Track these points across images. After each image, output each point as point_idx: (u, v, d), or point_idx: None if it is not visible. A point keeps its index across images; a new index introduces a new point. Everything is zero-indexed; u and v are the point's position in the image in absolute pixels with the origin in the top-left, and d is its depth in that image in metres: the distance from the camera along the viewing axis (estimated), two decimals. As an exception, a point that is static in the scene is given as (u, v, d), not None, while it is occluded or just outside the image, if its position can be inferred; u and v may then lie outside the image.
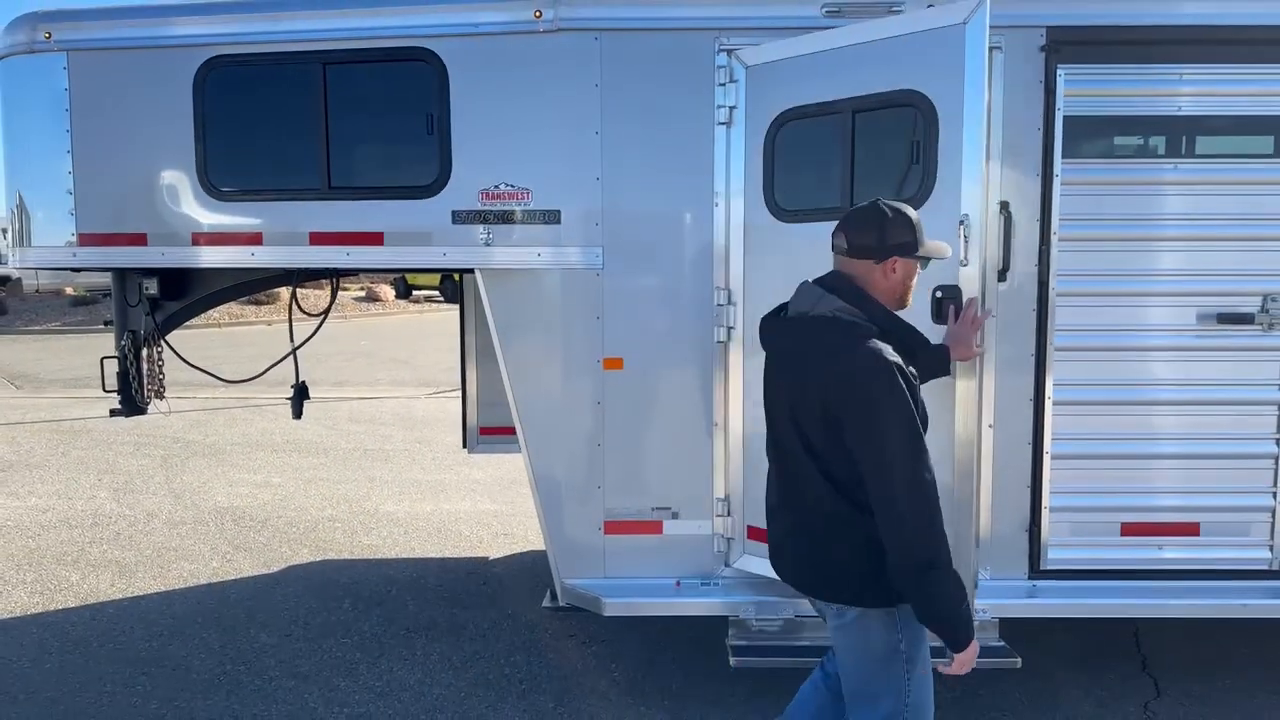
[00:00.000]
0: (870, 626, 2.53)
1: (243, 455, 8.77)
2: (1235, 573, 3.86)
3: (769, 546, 2.81)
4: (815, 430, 2.48)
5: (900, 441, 2.36)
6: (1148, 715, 3.91)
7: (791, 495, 2.63)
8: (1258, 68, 3.66)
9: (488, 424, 5.95)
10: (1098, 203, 3.75)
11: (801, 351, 2.55)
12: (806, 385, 2.49)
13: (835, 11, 3.69)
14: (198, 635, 4.77)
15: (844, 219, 2.66)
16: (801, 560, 2.65)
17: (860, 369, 2.39)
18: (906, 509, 2.35)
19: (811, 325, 2.53)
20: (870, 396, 2.37)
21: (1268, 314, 3.74)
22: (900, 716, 2.58)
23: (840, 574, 2.53)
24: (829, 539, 2.53)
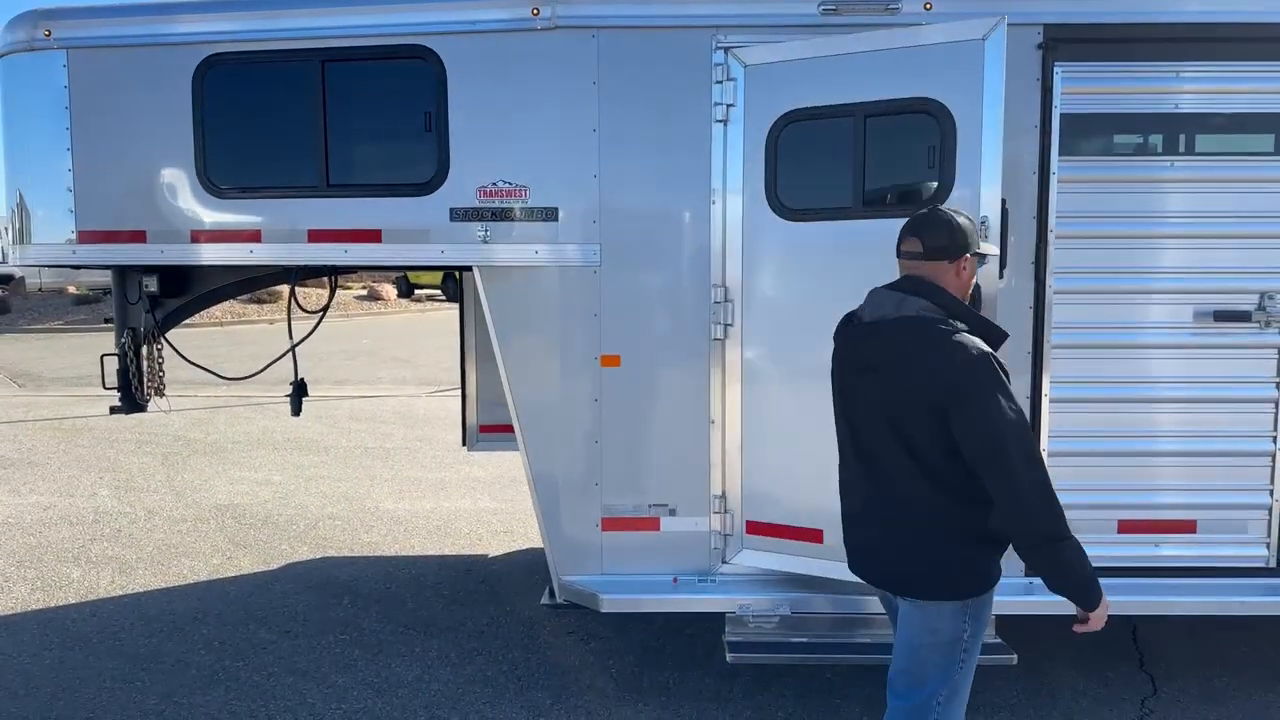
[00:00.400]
0: (943, 615, 2.62)
1: (244, 453, 8.78)
2: (1232, 570, 3.86)
3: (849, 550, 2.84)
4: (920, 429, 2.54)
5: (1010, 424, 2.44)
6: (1145, 712, 3.91)
7: (884, 497, 2.66)
8: (1256, 65, 3.67)
9: (487, 422, 5.94)
10: (1095, 200, 3.76)
11: (897, 354, 2.60)
12: (908, 386, 2.55)
13: (832, 9, 3.69)
14: (197, 631, 4.78)
15: (913, 226, 2.73)
16: (895, 560, 2.67)
17: (962, 362, 2.48)
18: (1027, 487, 2.44)
19: (903, 327, 2.60)
20: (976, 386, 2.46)
21: (1264, 311, 3.75)
22: (937, 699, 2.67)
23: (935, 569, 2.60)
24: (928, 536, 2.59)
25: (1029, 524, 2.47)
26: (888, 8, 3.69)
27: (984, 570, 2.61)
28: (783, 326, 3.82)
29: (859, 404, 2.71)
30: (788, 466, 3.85)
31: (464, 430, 5.98)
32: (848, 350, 2.77)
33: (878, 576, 2.76)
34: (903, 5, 3.68)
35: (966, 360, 2.48)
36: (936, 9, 3.68)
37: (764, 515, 3.89)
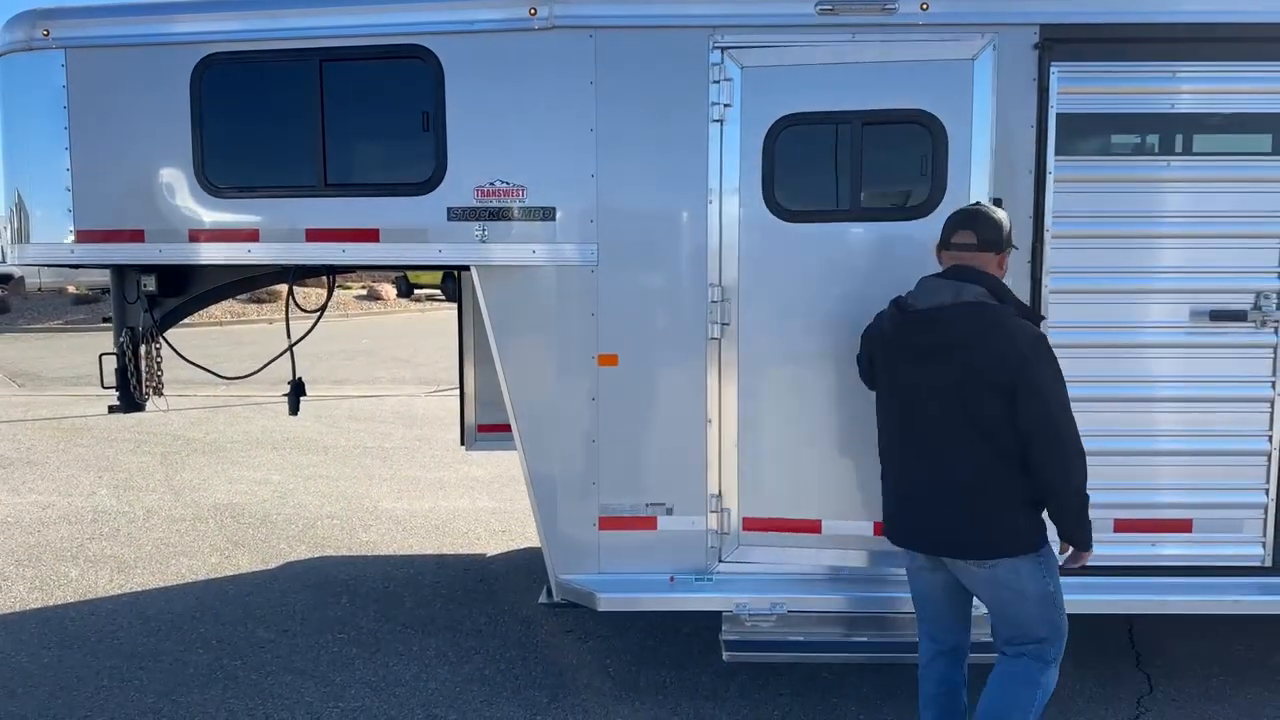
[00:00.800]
0: (1020, 571, 2.95)
1: (243, 452, 8.79)
2: (1228, 569, 3.87)
3: (902, 530, 3.13)
4: (986, 404, 2.85)
5: (1061, 393, 2.86)
6: (1141, 710, 3.92)
7: (947, 474, 2.95)
8: (1252, 65, 3.67)
9: (486, 421, 5.96)
10: (1091, 200, 3.76)
11: (962, 337, 2.89)
12: (975, 365, 2.86)
13: (829, 9, 3.70)
14: (195, 630, 4.79)
15: (965, 220, 3.06)
16: (970, 530, 2.95)
17: (1024, 340, 2.85)
18: (1071, 445, 2.85)
19: (965, 312, 2.91)
20: (1037, 360, 2.84)
21: (1260, 311, 3.75)
22: (1058, 651, 3.06)
23: (1000, 531, 2.92)
24: (991, 501, 2.91)
25: (1070, 479, 2.86)
26: (884, 8, 3.69)
27: (1041, 524, 2.99)
28: (779, 326, 3.84)
29: (915, 386, 2.98)
30: (784, 461, 3.88)
31: (462, 430, 5.99)
32: (902, 336, 3.02)
33: (942, 546, 3.02)
34: (899, 6, 3.68)
35: (1027, 339, 2.85)
36: (933, 9, 3.68)
37: (761, 511, 3.90)
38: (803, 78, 3.76)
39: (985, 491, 2.91)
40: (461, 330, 5.94)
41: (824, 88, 3.75)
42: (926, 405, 2.96)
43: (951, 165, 3.73)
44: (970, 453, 2.90)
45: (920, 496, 3.03)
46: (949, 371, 2.89)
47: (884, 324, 3.14)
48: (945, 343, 2.92)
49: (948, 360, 2.90)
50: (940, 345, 2.93)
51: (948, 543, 3.01)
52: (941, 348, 2.92)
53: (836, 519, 3.90)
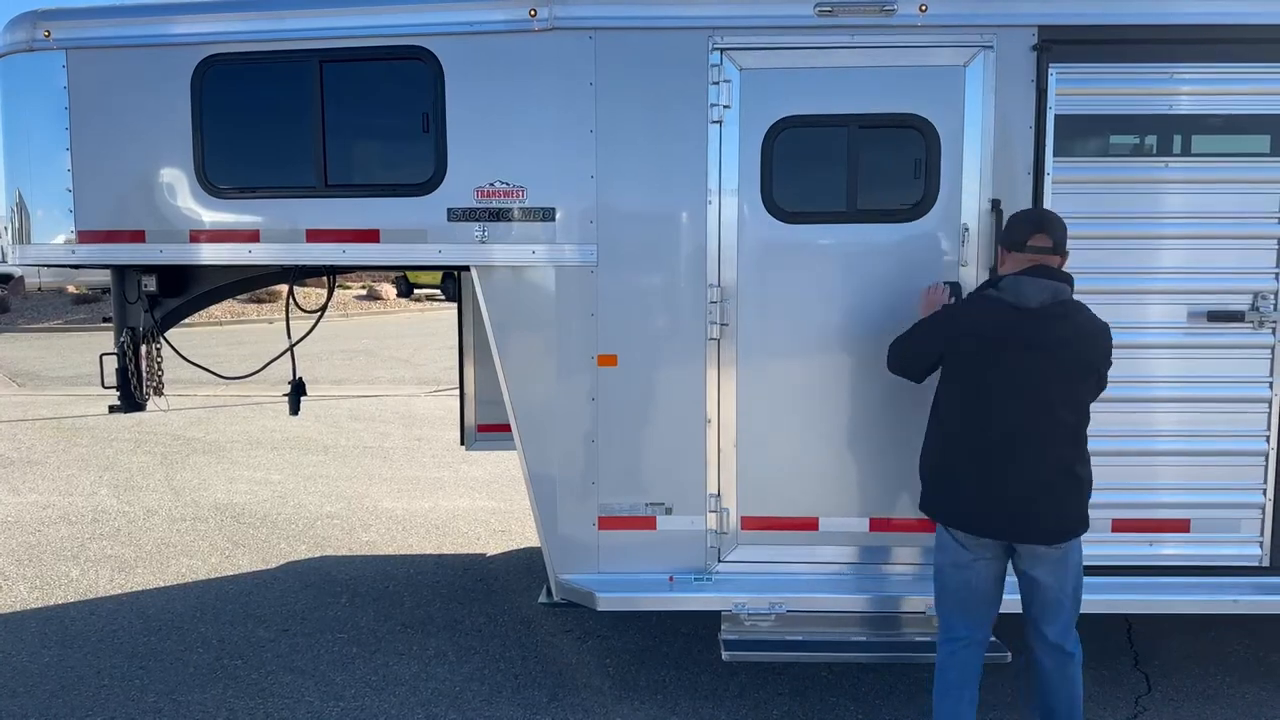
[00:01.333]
0: (1078, 550, 3.22)
1: (243, 452, 8.80)
2: (1226, 569, 3.88)
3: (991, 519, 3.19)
4: (1083, 389, 3.17)
5: None
6: (1139, 710, 3.93)
7: (1046, 459, 3.12)
8: (1250, 66, 3.68)
9: (486, 421, 5.97)
10: (1089, 201, 3.77)
11: (1068, 332, 3.13)
12: (1079, 356, 3.14)
13: (828, 11, 3.71)
14: (195, 630, 4.80)
15: (1038, 223, 3.24)
16: (1051, 513, 3.13)
17: (1106, 333, 3.20)
18: None
19: (1066, 309, 3.15)
20: (1110, 349, 3.21)
21: (1258, 311, 3.76)
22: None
23: (1077, 512, 3.16)
24: (1075, 483, 3.15)
25: None
26: (883, 9, 3.70)
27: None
28: (777, 325, 3.85)
29: (1026, 379, 3.12)
30: (782, 461, 3.89)
31: (462, 429, 6.00)
32: (1013, 332, 3.13)
33: (1038, 533, 3.15)
34: (898, 8, 3.69)
35: (1106, 330, 3.20)
36: (931, 10, 3.69)
37: (759, 510, 3.91)
38: (800, 81, 3.78)
39: (1072, 475, 3.14)
40: (461, 330, 5.94)
41: (821, 91, 3.78)
42: (1037, 396, 3.11)
43: (944, 169, 3.77)
44: (1069, 439, 3.13)
45: (1020, 485, 3.13)
46: (1060, 363, 3.11)
47: (982, 321, 3.19)
48: (1060, 336, 3.11)
49: (1060, 353, 3.11)
50: (1056, 339, 3.11)
51: (1037, 528, 3.15)
52: (1057, 341, 3.11)
53: (833, 516, 3.92)
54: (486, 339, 5.80)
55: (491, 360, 5.48)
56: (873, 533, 3.92)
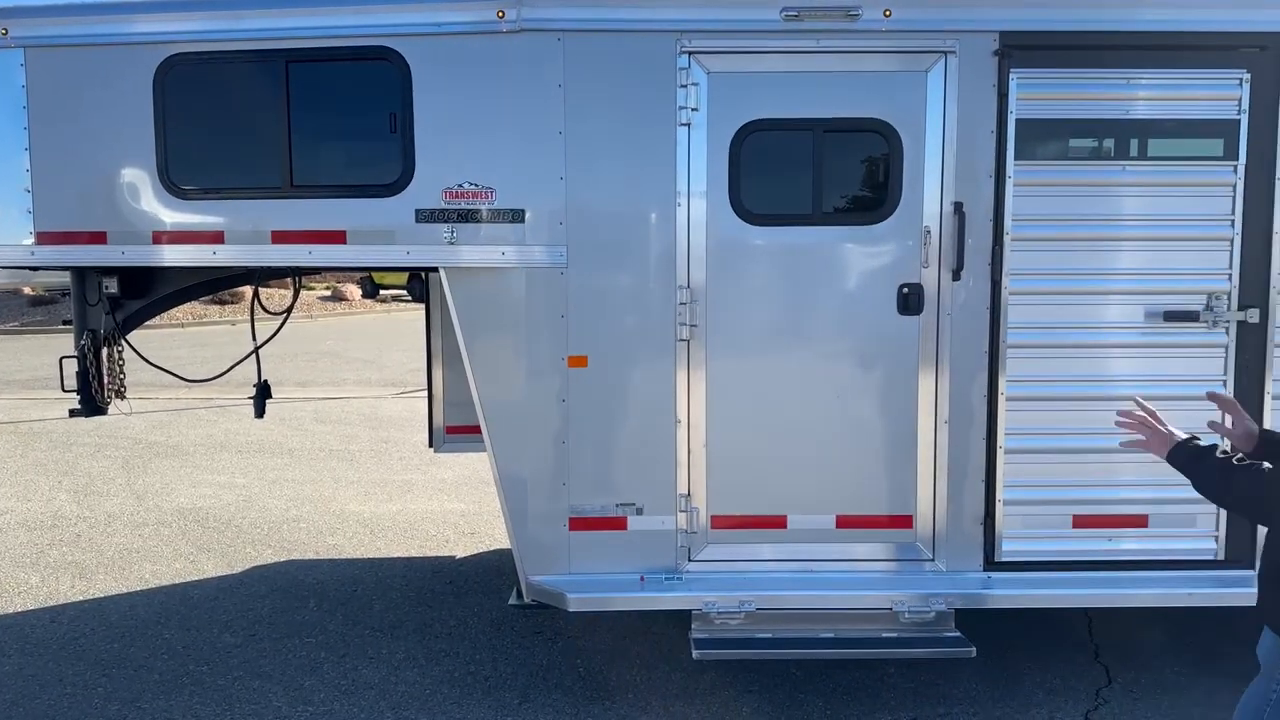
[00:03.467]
0: None
1: (206, 456, 8.69)
2: (1183, 563, 3.97)
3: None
4: None
5: None
6: (1099, 701, 4.01)
7: None
8: (1204, 72, 3.78)
9: (454, 423, 5.95)
10: (1049, 204, 3.85)
11: None
12: None
13: (794, 15, 3.75)
14: (160, 636, 4.74)
15: None
16: None
17: None
18: None
19: None
20: None
21: (1212, 312, 3.86)
22: None
23: None
24: None
25: None
26: (848, 14, 3.75)
27: None
28: (745, 326, 3.89)
29: None
30: (751, 460, 3.93)
31: (431, 431, 5.98)
32: None
33: None
34: (863, 13, 3.74)
35: None
36: (895, 15, 3.75)
37: (728, 509, 3.95)
38: (767, 84, 3.82)
39: None
40: (429, 331, 5.92)
41: (787, 95, 3.83)
42: None
43: (907, 172, 3.84)
44: None
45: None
46: None
47: None
48: None
49: None
50: None
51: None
52: None
53: (801, 513, 3.96)
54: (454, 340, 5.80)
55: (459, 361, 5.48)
56: (839, 529, 3.97)
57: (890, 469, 3.96)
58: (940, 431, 3.92)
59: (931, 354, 3.89)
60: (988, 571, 3.98)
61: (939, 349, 3.89)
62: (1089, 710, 3.95)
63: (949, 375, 3.89)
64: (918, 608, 3.82)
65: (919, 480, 3.95)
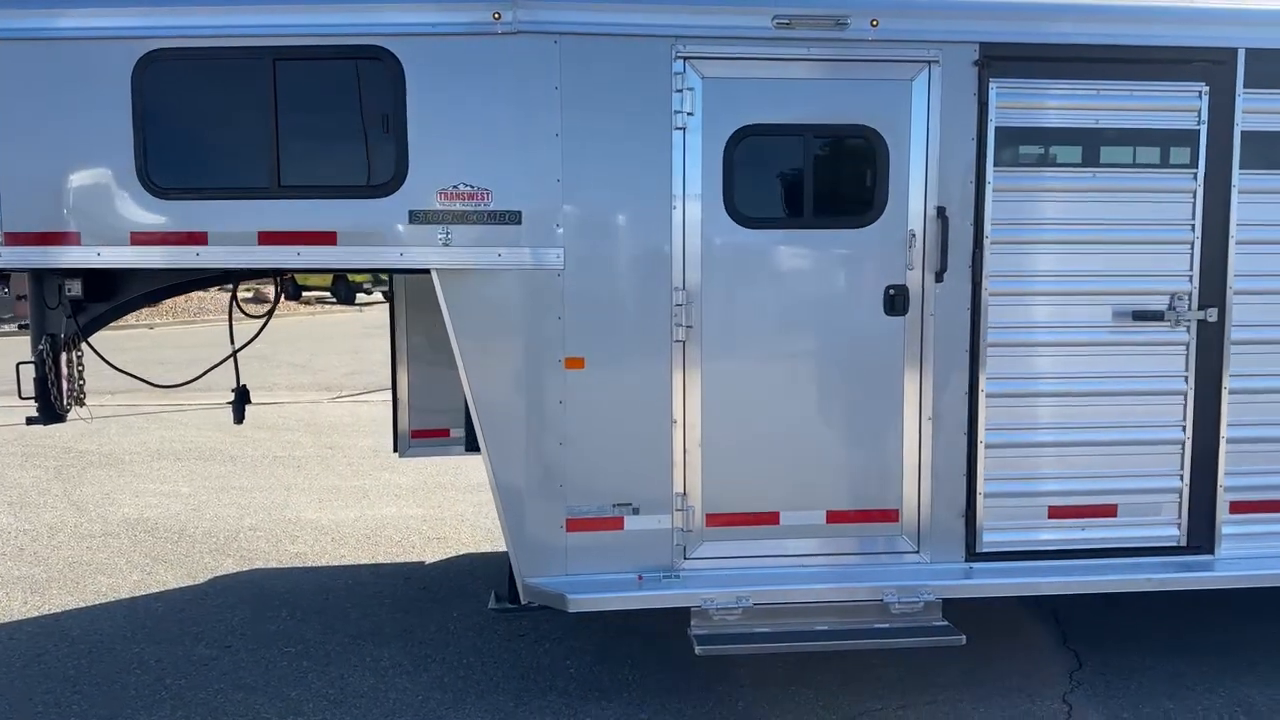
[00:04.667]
0: None
1: (144, 464, 8.39)
2: (1149, 549, 4.19)
3: None
4: None
5: None
6: (1074, 684, 4.21)
7: None
8: (1170, 84, 3.99)
9: (420, 426, 5.90)
10: (1025, 208, 4.02)
11: None
12: None
13: (786, 24, 3.83)
14: (129, 650, 4.58)
15: None
16: None
17: None
18: None
19: None
20: None
21: (1175, 311, 4.08)
22: None
23: None
24: None
25: None
26: (837, 22, 3.85)
27: None
28: (738, 327, 3.97)
29: None
30: (744, 458, 4.01)
31: (395, 435, 5.91)
32: None
33: None
34: (851, 22, 3.85)
35: None
36: (882, 25, 3.87)
37: (722, 507, 4.02)
38: (760, 90, 3.90)
39: None
40: (394, 333, 5.85)
41: (779, 101, 3.92)
42: None
43: (892, 178, 3.96)
44: None
45: None
46: None
47: None
48: None
49: None
50: None
51: None
52: None
53: (793, 510, 4.05)
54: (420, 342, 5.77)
55: (425, 364, 5.47)
56: (829, 524, 4.07)
57: (877, 465, 4.08)
58: (924, 428, 4.06)
59: (916, 353, 4.03)
60: (969, 562, 4.13)
61: (923, 348, 4.03)
62: (1065, 692, 4.14)
63: (932, 374, 4.03)
64: (907, 599, 3.95)
65: (904, 476, 4.08)
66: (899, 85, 3.93)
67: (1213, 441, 4.15)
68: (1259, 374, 4.14)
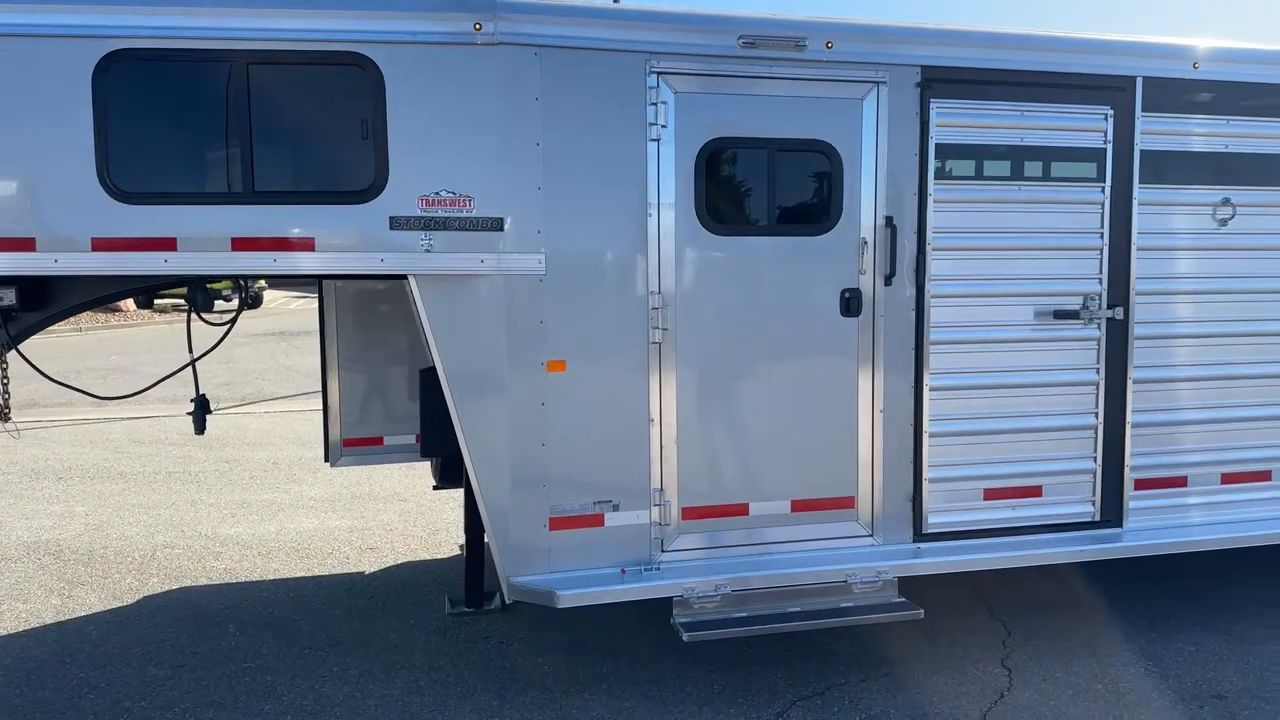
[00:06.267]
0: None
1: (25, 484, 7.85)
2: (1068, 525, 4.65)
3: None
4: None
5: None
6: (1008, 650, 4.62)
7: None
8: (1080, 107, 4.47)
9: (353, 435, 5.84)
10: (961, 218, 4.41)
11: None
12: None
13: (750, 43, 4.08)
14: (73, 676, 4.36)
15: None
16: None
17: None
18: None
19: None
20: None
21: (1087, 310, 4.56)
22: None
23: None
24: None
25: None
26: (796, 44, 4.13)
27: None
28: (710, 329, 4.18)
29: None
30: (716, 452, 4.23)
31: (326, 445, 5.82)
32: None
33: None
34: (808, 44, 4.14)
35: None
36: (836, 48, 4.17)
37: (697, 500, 4.22)
38: (727, 106, 4.14)
39: None
40: (324, 340, 5.76)
41: (745, 116, 4.17)
42: None
43: (846, 189, 4.28)
44: None
45: None
46: None
47: None
48: None
49: None
50: None
51: None
52: None
53: (761, 500, 4.30)
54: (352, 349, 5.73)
55: (357, 371, 5.46)
56: (794, 513, 4.34)
57: (835, 456, 4.38)
58: (876, 421, 4.39)
59: (869, 352, 4.35)
60: (917, 543, 4.49)
61: (875, 347, 4.35)
62: (1003, 658, 4.54)
63: (883, 370, 4.37)
64: (867, 579, 4.26)
65: (859, 465, 4.40)
66: (851, 104, 4.24)
67: (1120, 426, 4.66)
68: (1157, 365, 4.67)
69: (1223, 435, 4.79)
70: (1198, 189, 4.64)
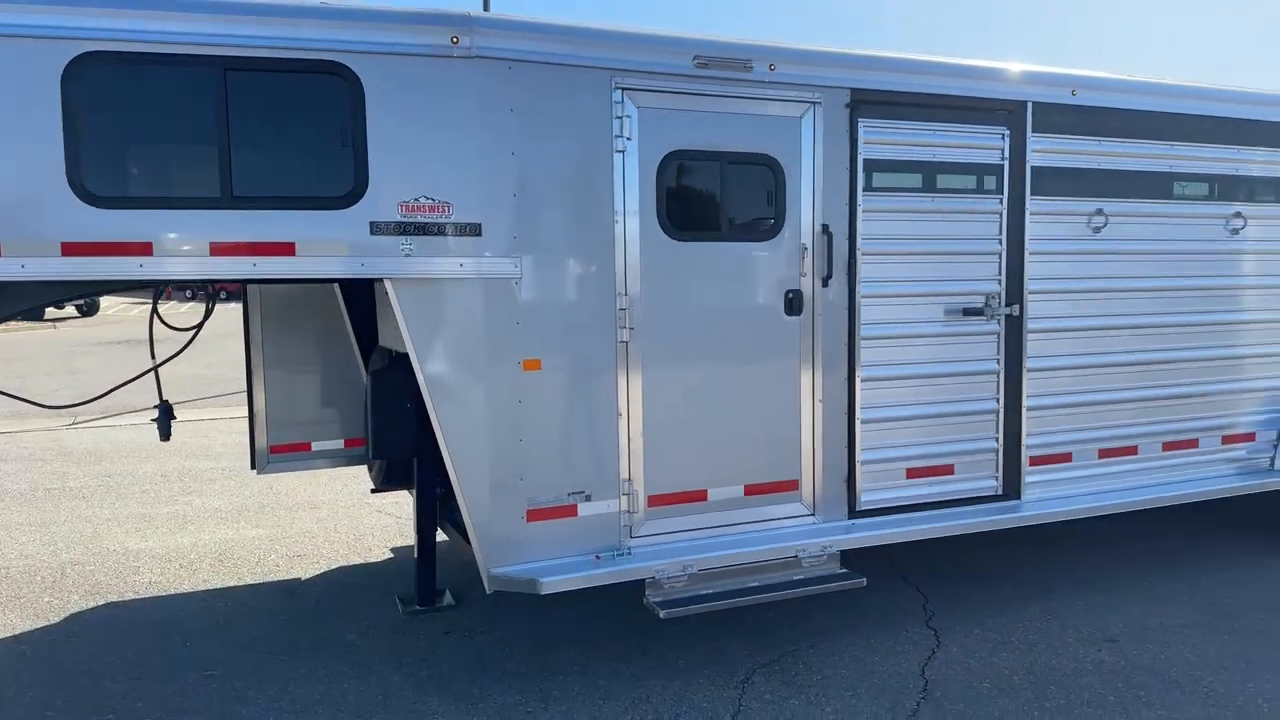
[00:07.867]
0: None
1: (-114, 509, 7.27)
2: (976, 499, 5.22)
3: None
4: None
5: None
6: (929, 614, 5.14)
7: None
8: (979, 127, 5.04)
9: (280, 442, 5.82)
10: (885, 226, 4.89)
11: None
12: None
13: (704, 64, 4.42)
14: (23, 695, 4.21)
15: None
16: None
17: None
18: None
19: None
20: None
21: (990, 307, 5.15)
22: None
23: None
24: None
25: None
26: (744, 65, 4.50)
27: None
28: (671, 328, 4.48)
29: None
30: (677, 443, 4.52)
31: (253, 453, 5.77)
32: None
33: None
34: (754, 66, 4.51)
35: None
36: (778, 71, 4.56)
37: (661, 489, 4.51)
38: (685, 121, 4.45)
39: None
40: (249, 346, 5.72)
41: (701, 130, 4.50)
42: None
43: (789, 199, 4.68)
44: None
45: None
46: None
47: None
48: None
49: None
50: None
51: None
52: None
53: (718, 486, 4.63)
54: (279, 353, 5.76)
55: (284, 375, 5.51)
56: (747, 496, 4.70)
57: (782, 443, 4.76)
58: (816, 410, 4.80)
59: (809, 347, 4.76)
60: (852, 519, 4.94)
61: (814, 343, 4.77)
62: (927, 620, 5.06)
63: (822, 364, 4.79)
64: (814, 553, 4.67)
65: (802, 451, 4.80)
66: (792, 121, 4.65)
67: (1017, 410, 5.27)
68: (1048, 355, 5.31)
69: (1099, 416, 5.49)
70: (1077, 200, 5.31)
